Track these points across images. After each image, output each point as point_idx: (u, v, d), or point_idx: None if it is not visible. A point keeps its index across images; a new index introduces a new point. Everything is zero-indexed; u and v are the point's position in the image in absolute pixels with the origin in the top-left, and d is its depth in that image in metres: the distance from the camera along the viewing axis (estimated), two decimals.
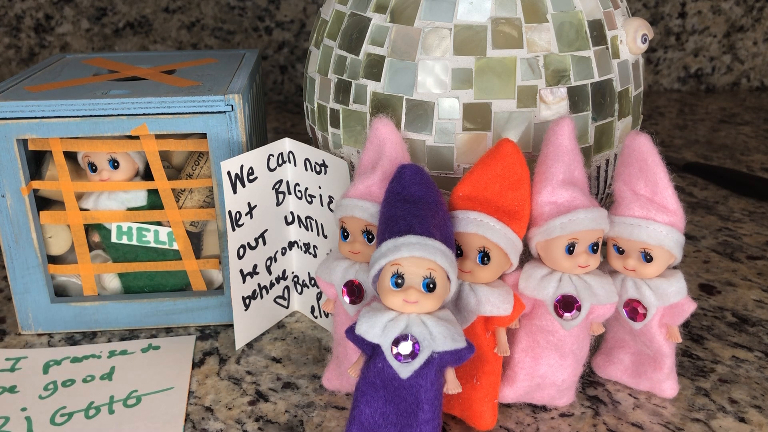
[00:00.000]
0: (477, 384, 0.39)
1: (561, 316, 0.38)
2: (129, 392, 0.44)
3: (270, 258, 0.49)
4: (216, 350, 0.48)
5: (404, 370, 0.35)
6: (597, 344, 0.45)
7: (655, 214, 0.38)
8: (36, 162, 0.50)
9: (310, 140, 0.54)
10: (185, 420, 0.41)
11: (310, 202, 0.48)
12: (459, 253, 0.38)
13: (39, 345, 0.49)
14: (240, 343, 0.48)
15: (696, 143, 0.90)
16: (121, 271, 0.50)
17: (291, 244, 0.51)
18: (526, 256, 0.40)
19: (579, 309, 0.38)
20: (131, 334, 0.51)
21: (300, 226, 0.50)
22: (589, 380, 0.45)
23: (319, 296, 0.50)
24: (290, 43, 1.07)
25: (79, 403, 0.43)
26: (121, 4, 1.03)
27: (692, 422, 0.41)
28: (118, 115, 0.46)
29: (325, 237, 0.48)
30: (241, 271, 0.47)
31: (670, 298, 0.39)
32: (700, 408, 0.42)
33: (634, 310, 0.40)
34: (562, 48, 0.43)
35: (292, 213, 0.50)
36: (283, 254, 0.50)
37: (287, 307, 0.52)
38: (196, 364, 0.47)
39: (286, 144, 0.47)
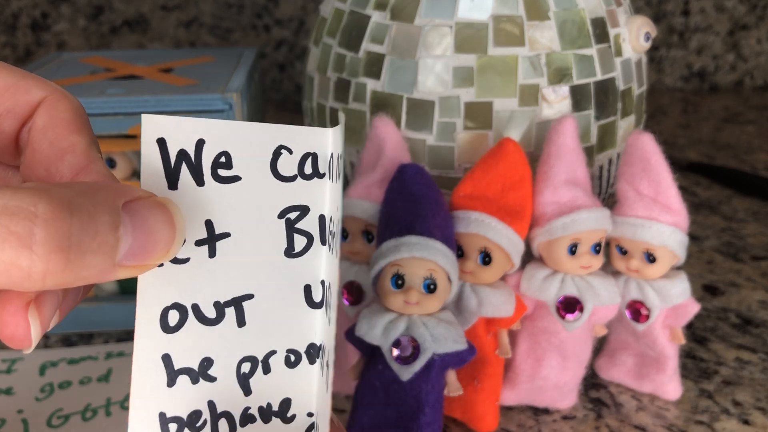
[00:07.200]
0: (478, 386, 0.39)
1: (563, 318, 0.38)
2: (126, 394, 0.43)
3: None
4: None
5: (405, 372, 0.34)
6: (599, 346, 0.45)
7: (659, 214, 0.38)
8: None
9: None
10: None
11: None
12: (460, 253, 0.38)
13: (35, 346, 0.49)
14: None
15: (699, 142, 0.89)
16: None
17: None
18: (528, 257, 0.40)
19: (581, 310, 0.38)
20: (128, 336, 0.50)
21: None
22: (591, 382, 0.44)
23: None
24: (289, 41, 1.07)
25: (75, 405, 0.43)
26: (118, 2, 1.02)
27: (696, 424, 0.40)
28: (115, 113, 0.45)
29: None
30: None
31: (673, 299, 0.39)
32: (703, 410, 0.41)
33: (637, 311, 0.39)
34: (565, 46, 0.42)
35: None
36: None
37: None
38: None
39: None
